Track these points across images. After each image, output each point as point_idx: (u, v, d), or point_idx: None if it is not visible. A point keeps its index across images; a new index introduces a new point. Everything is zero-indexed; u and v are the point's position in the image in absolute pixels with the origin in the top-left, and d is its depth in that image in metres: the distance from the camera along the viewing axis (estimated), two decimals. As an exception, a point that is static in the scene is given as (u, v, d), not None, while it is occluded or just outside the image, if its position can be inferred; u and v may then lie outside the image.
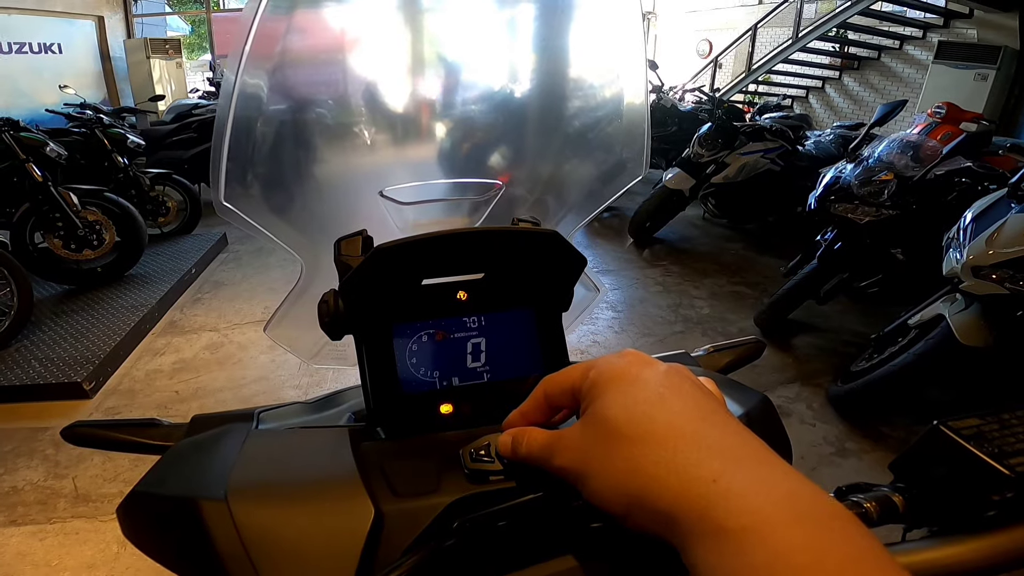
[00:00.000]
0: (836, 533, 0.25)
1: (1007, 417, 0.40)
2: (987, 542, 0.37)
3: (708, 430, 0.30)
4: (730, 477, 0.27)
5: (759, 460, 0.28)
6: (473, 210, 0.74)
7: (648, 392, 0.32)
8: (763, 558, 0.24)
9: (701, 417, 0.30)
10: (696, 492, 0.27)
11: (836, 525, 0.25)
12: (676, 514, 0.27)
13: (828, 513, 0.25)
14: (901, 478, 0.41)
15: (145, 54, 9.01)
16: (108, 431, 0.57)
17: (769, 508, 0.25)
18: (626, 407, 0.32)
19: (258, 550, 0.37)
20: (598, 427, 0.32)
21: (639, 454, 0.30)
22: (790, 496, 0.26)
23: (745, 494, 0.26)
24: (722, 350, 0.73)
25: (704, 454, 0.28)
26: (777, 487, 0.26)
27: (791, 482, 0.27)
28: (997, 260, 2.15)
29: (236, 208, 0.62)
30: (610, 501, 0.31)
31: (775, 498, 0.26)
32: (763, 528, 0.24)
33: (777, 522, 0.25)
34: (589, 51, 0.81)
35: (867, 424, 2.64)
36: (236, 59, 0.58)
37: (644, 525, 0.29)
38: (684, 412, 0.31)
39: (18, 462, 2.38)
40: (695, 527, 0.26)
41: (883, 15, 9.02)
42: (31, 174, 3.49)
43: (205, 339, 3.39)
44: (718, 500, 0.26)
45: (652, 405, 0.31)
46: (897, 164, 3.01)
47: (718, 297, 4.07)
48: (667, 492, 0.28)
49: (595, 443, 0.32)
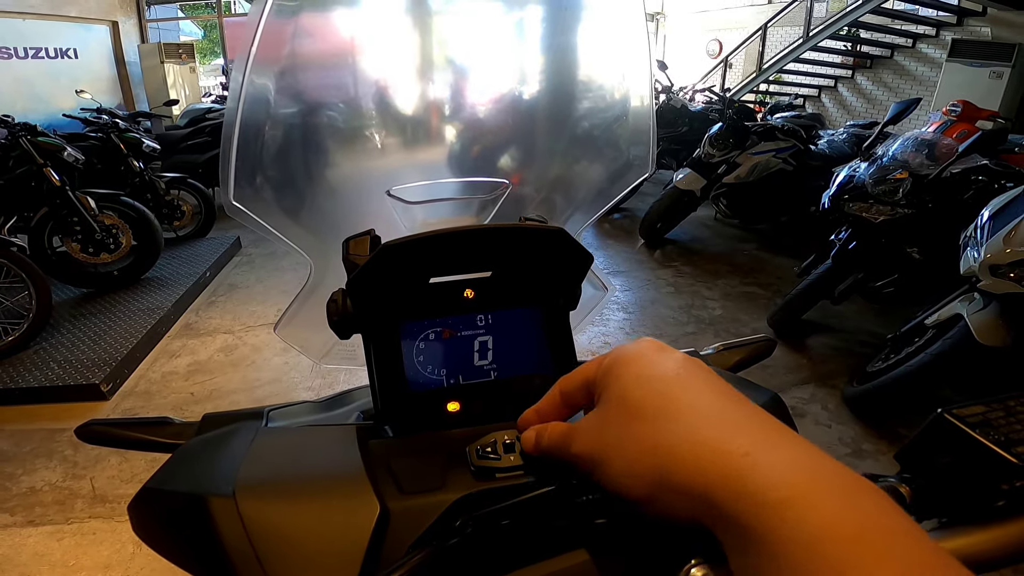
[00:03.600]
0: (874, 507, 0.24)
1: (1013, 404, 0.39)
2: (997, 532, 0.36)
3: (731, 408, 0.29)
4: (760, 452, 0.26)
5: (785, 437, 0.27)
6: (481, 209, 0.74)
7: (666, 372, 0.31)
8: (809, 530, 0.23)
9: (722, 396, 0.30)
10: (728, 465, 0.26)
11: (872, 499, 0.24)
12: (707, 490, 0.26)
13: (862, 488, 0.25)
14: (907, 468, 0.40)
15: (159, 59, 9.13)
16: (121, 429, 0.58)
17: (806, 482, 0.24)
18: (642, 386, 0.31)
19: (265, 546, 0.37)
20: (614, 408, 0.32)
21: (660, 430, 0.29)
22: (823, 470, 0.25)
23: (779, 467, 0.25)
24: (732, 348, 0.72)
25: (730, 430, 0.28)
26: (808, 462, 0.26)
27: (820, 458, 0.26)
28: (1015, 258, 2.12)
29: (246, 208, 0.62)
30: (630, 485, 0.29)
31: (809, 472, 0.25)
32: (804, 500, 0.24)
33: (816, 495, 0.24)
34: (595, 52, 0.81)
35: (883, 425, 2.60)
36: (243, 61, 0.58)
37: (669, 508, 0.28)
38: (704, 391, 0.30)
39: (37, 463, 2.41)
40: (730, 502, 0.25)
41: (896, 13, 8.94)
42: (49, 179, 3.54)
43: (220, 341, 3.42)
44: (752, 473, 0.25)
45: (670, 384, 0.30)
46: (912, 163, 2.98)
47: (731, 298, 4.04)
48: (695, 467, 0.27)
49: (612, 425, 0.31)
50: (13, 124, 3.67)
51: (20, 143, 3.56)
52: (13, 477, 2.33)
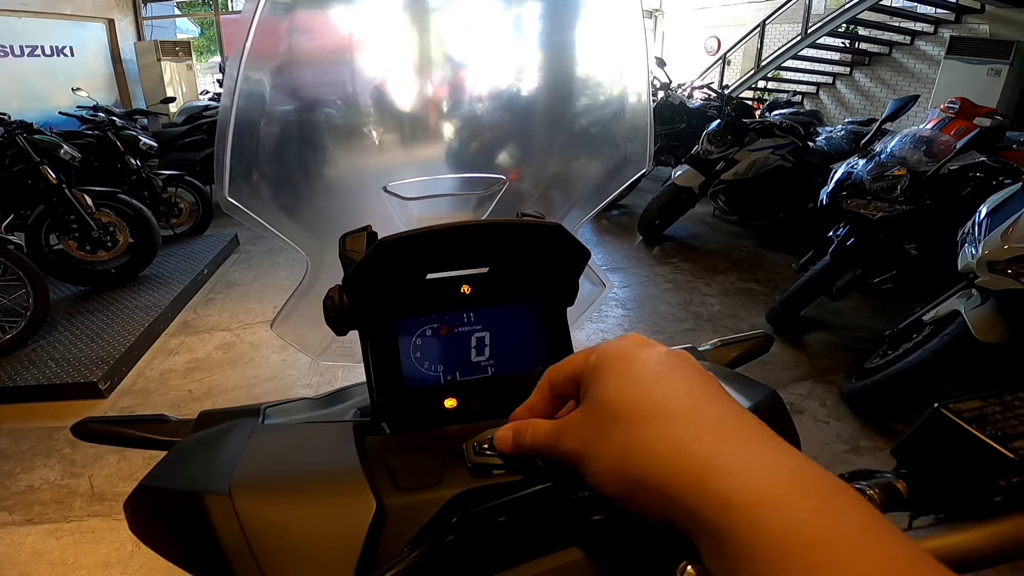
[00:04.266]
0: (845, 508, 0.24)
1: (1009, 399, 0.39)
2: (995, 528, 0.36)
3: (706, 408, 0.29)
4: (730, 453, 0.26)
5: (760, 438, 0.28)
6: (478, 205, 0.74)
7: (645, 371, 0.32)
8: (777, 533, 0.23)
9: (700, 395, 0.30)
10: (694, 469, 0.26)
11: (843, 500, 0.24)
12: (675, 492, 0.26)
13: (834, 489, 0.25)
14: (904, 464, 0.40)
15: (156, 56, 9.08)
16: (117, 427, 0.58)
17: (776, 484, 0.25)
18: (622, 387, 0.31)
19: (261, 543, 0.37)
20: (596, 409, 0.32)
21: (635, 433, 0.29)
22: (795, 473, 0.25)
23: (748, 470, 0.25)
24: (729, 344, 0.72)
25: (702, 431, 0.28)
26: (781, 464, 0.26)
27: (794, 460, 0.26)
28: (1013, 255, 2.12)
29: (242, 205, 0.62)
30: (609, 484, 0.30)
31: (780, 474, 0.25)
32: (772, 503, 0.24)
33: (786, 497, 0.24)
34: (592, 48, 0.81)
35: (881, 421, 2.61)
36: (237, 58, 0.58)
37: (646, 507, 0.29)
38: (681, 391, 0.30)
39: (35, 461, 2.41)
40: (698, 505, 0.25)
41: (894, 10, 8.93)
42: (46, 176, 3.53)
43: (218, 339, 3.42)
44: (719, 477, 0.25)
45: (649, 383, 0.31)
46: (910, 159, 2.98)
47: (729, 294, 4.04)
48: (664, 470, 0.27)
49: (593, 425, 0.32)
50: (9, 122, 3.65)
51: (16, 141, 3.54)
52: (11, 475, 2.32)
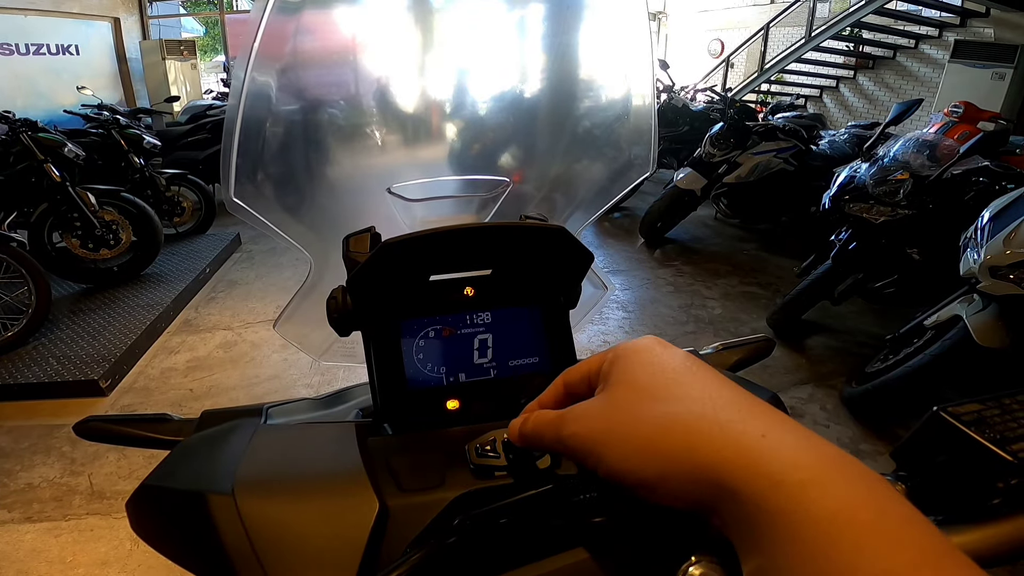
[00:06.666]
0: (890, 495, 0.24)
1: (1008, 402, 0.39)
2: (994, 531, 0.36)
3: (741, 396, 0.29)
4: (777, 435, 0.26)
5: (795, 425, 0.28)
6: (481, 207, 0.74)
7: (674, 360, 0.32)
8: (827, 512, 0.23)
9: (730, 386, 0.30)
10: (745, 445, 0.26)
11: (886, 488, 0.24)
12: (722, 470, 0.26)
13: (873, 476, 0.25)
14: (903, 466, 0.40)
15: (160, 55, 9.10)
16: (120, 426, 0.58)
17: (826, 465, 0.25)
18: (653, 373, 0.31)
19: (263, 544, 0.37)
20: (623, 391, 0.32)
21: (674, 411, 0.29)
22: (839, 457, 0.25)
23: (799, 449, 0.26)
24: (731, 348, 0.72)
25: (746, 413, 0.28)
26: (825, 447, 0.26)
27: (831, 446, 0.26)
28: (1015, 260, 2.12)
29: (246, 205, 0.62)
30: (637, 469, 0.29)
31: (827, 456, 0.25)
32: (822, 483, 0.24)
33: (836, 479, 0.24)
34: (596, 51, 0.81)
35: (882, 426, 2.61)
36: (245, 58, 0.58)
37: (676, 491, 0.28)
38: (714, 380, 0.30)
39: (35, 459, 2.41)
40: (747, 481, 0.25)
41: (898, 14, 8.92)
42: (49, 174, 3.54)
43: (219, 338, 3.42)
44: (770, 454, 0.26)
45: (679, 373, 0.31)
46: (913, 163, 2.98)
47: (731, 298, 4.04)
48: (711, 446, 0.27)
49: (620, 407, 0.31)
50: (14, 120, 3.67)
51: (21, 139, 3.55)
52: (11, 473, 2.33)
